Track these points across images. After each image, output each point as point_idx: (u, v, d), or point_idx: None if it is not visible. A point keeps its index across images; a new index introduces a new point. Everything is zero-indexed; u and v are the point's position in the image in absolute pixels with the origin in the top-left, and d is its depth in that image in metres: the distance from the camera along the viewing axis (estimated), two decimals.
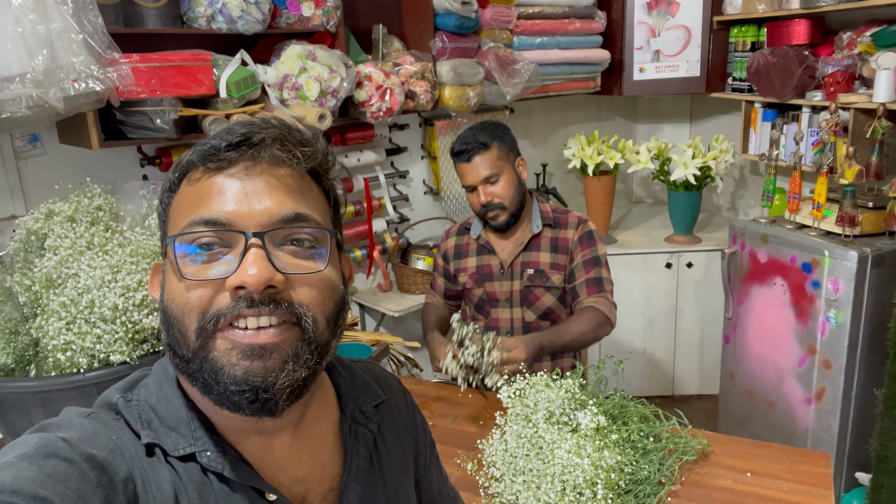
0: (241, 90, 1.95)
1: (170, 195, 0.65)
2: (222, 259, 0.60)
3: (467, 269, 1.94)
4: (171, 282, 0.61)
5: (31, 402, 1.34)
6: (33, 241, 1.50)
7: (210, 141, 0.63)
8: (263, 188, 0.61)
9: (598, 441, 1.22)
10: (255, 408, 0.59)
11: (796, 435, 2.49)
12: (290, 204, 0.62)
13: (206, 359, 0.59)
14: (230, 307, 0.58)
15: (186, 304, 0.59)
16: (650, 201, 4.00)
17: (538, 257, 1.88)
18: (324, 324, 0.63)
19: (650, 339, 3.24)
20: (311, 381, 0.63)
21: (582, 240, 1.87)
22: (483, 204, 1.81)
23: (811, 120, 2.62)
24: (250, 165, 0.62)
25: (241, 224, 0.60)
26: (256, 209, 0.60)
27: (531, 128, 3.49)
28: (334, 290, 0.64)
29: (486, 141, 1.78)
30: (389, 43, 2.54)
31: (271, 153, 0.62)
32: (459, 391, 1.82)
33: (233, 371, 0.58)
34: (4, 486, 0.50)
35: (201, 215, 0.60)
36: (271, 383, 0.58)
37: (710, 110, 3.61)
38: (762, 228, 2.55)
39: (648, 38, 3.23)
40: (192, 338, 0.59)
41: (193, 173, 0.63)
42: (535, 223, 1.89)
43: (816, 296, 2.34)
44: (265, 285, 0.58)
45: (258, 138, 0.62)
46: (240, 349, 0.58)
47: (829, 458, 1.43)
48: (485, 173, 1.79)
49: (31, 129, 1.88)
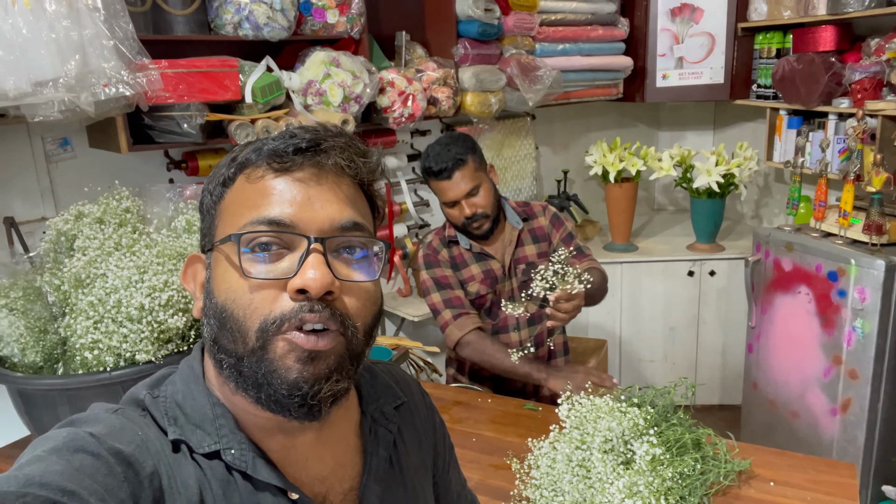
0: (265, 96, 1.98)
1: (223, 189, 0.65)
2: (283, 260, 0.61)
3: (475, 277, 1.95)
4: (230, 279, 0.61)
5: (58, 399, 1.37)
6: (63, 241, 1.54)
7: (273, 142, 0.63)
8: (327, 195, 0.63)
9: (651, 478, 1.18)
10: (301, 412, 0.60)
11: (821, 447, 2.45)
12: (350, 213, 0.63)
13: (263, 359, 0.60)
14: (293, 311, 0.59)
15: (250, 305, 0.60)
16: (672, 209, 3.97)
17: (524, 251, 1.96)
18: (362, 334, 0.64)
19: (671, 347, 3.21)
20: (350, 389, 0.65)
21: (553, 222, 1.99)
22: (468, 216, 1.83)
23: (837, 127, 2.59)
24: (316, 172, 0.63)
25: (303, 227, 0.61)
26: (319, 214, 0.62)
27: (553, 134, 3.49)
28: (375, 301, 0.66)
29: (462, 156, 1.79)
30: (412, 50, 2.56)
31: (336, 161, 0.63)
32: (478, 397, 1.82)
33: (287, 375, 0.59)
34: (33, 480, 0.51)
35: (265, 214, 0.61)
36: (318, 390, 0.60)
37: (735, 118, 3.57)
38: (787, 236, 2.52)
39: (672, 44, 3.21)
40: (253, 338, 0.60)
41: (254, 171, 0.63)
42: (513, 220, 1.95)
43: (842, 305, 2.30)
44: (326, 290, 0.59)
45: (326, 146, 0.63)
46: (298, 353, 0.59)
47: (854, 469, 1.40)
48: (467, 187, 1.81)
49: (61, 134, 1.93)
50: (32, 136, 1.88)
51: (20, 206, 1.87)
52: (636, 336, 3.22)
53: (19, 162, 1.86)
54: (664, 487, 1.22)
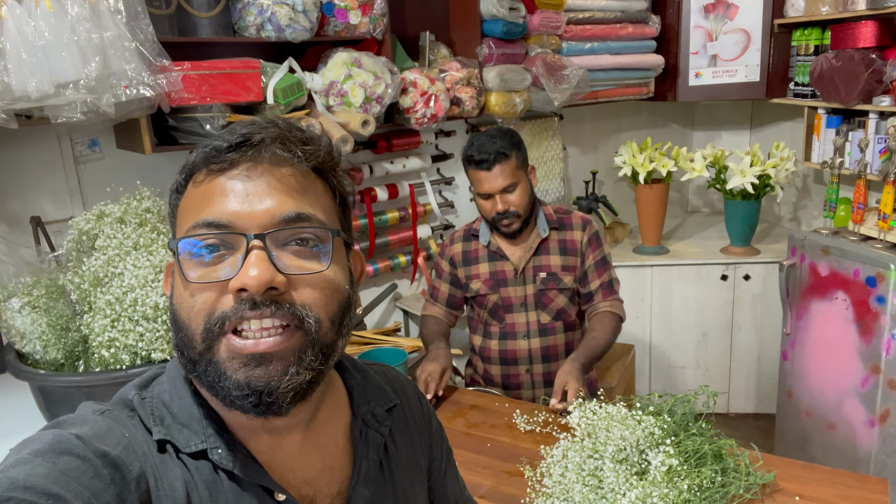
0: (287, 97, 1.99)
1: (177, 196, 0.65)
2: (226, 261, 0.60)
3: (480, 276, 1.94)
4: (178, 284, 0.62)
5: (76, 395, 1.39)
6: (85, 241, 1.57)
7: (212, 142, 0.63)
8: (264, 189, 0.61)
9: (666, 489, 1.14)
10: (259, 410, 0.59)
11: (858, 459, 2.35)
12: (292, 204, 0.61)
13: (211, 361, 0.59)
14: (234, 310, 0.58)
15: (192, 308, 0.59)
16: (706, 211, 3.87)
17: (549, 260, 1.91)
18: (328, 324, 0.62)
19: (703, 353, 3.13)
20: (318, 382, 0.63)
21: (591, 241, 1.92)
22: (500, 212, 1.82)
23: (878, 126, 2.48)
24: (251, 166, 0.61)
25: (242, 226, 0.60)
26: (258, 210, 0.60)
27: (581, 134, 3.43)
28: (338, 290, 0.64)
29: (506, 150, 1.79)
30: (436, 50, 2.55)
31: (272, 153, 0.62)
32: (496, 401, 1.80)
33: (235, 376, 0.58)
34: (18, 483, 0.50)
35: (204, 217, 0.60)
36: (274, 387, 0.59)
37: (772, 117, 3.47)
38: (824, 240, 2.43)
39: (705, 42, 3.13)
40: (199, 340, 0.59)
41: (198, 175, 0.63)
42: (541, 227, 1.92)
43: (881, 312, 2.20)
44: (266, 287, 0.58)
45: (258, 138, 0.62)
46: (240, 358, 0.58)
47: (886, 485, 1.33)
48: (504, 183, 1.79)
49: (90, 135, 1.97)
50: (61, 137, 1.92)
51: (49, 206, 1.92)
52: (667, 341, 3.14)
53: (48, 162, 1.91)
54: (681, 500, 1.18)
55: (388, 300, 2.76)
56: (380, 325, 2.72)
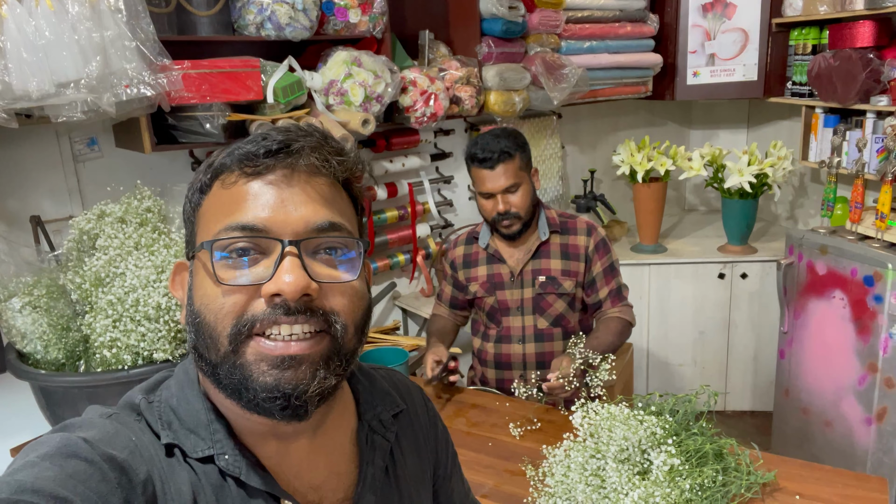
0: (287, 96, 1.99)
1: (200, 196, 0.65)
2: (258, 265, 0.60)
3: (478, 279, 1.93)
4: (205, 286, 0.61)
5: (78, 396, 1.39)
6: (85, 240, 1.56)
7: (246, 146, 0.63)
8: (300, 196, 0.61)
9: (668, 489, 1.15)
10: (286, 413, 0.59)
11: (855, 457, 2.36)
12: (325, 213, 0.62)
13: (236, 365, 0.59)
14: (266, 314, 0.58)
15: (221, 309, 0.59)
16: (704, 209, 3.88)
17: (549, 264, 1.88)
18: (352, 331, 0.63)
19: (700, 352, 3.14)
20: (339, 387, 0.64)
21: (598, 247, 1.90)
22: (500, 212, 1.80)
23: (875, 126, 2.49)
24: (288, 173, 0.62)
25: (277, 231, 0.60)
26: (293, 217, 0.60)
27: (579, 133, 3.44)
28: (363, 298, 0.65)
29: (510, 150, 1.77)
30: (435, 48, 2.54)
31: (308, 162, 0.62)
32: (496, 400, 1.80)
33: (263, 379, 0.58)
34: (25, 486, 0.50)
35: (237, 220, 0.60)
36: (303, 391, 0.59)
37: (769, 116, 3.48)
38: (821, 239, 2.44)
39: (703, 41, 3.13)
40: (225, 343, 0.59)
41: (228, 176, 0.63)
42: (541, 230, 1.89)
43: (878, 311, 2.21)
44: (301, 293, 0.58)
45: (297, 146, 0.62)
46: (269, 361, 0.58)
47: (886, 484, 1.34)
48: (506, 183, 1.78)
49: (88, 134, 1.96)
50: (60, 136, 1.91)
51: (48, 205, 1.91)
52: (664, 340, 3.15)
53: (47, 161, 1.90)
54: (683, 499, 1.19)
55: (387, 299, 2.76)
56: (379, 323, 2.72)
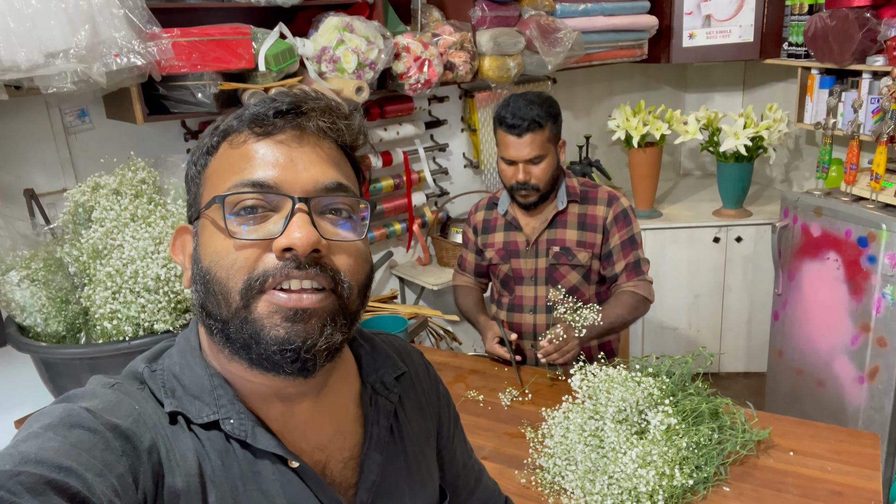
0: (279, 63, 1.96)
1: (206, 157, 0.66)
2: (269, 221, 0.61)
3: (494, 245, 1.92)
4: (215, 242, 0.62)
5: (80, 367, 1.40)
6: (81, 213, 1.56)
7: (255, 107, 0.64)
8: (310, 156, 0.63)
9: (665, 447, 1.17)
10: (295, 367, 0.60)
11: (846, 415, 2.41)
12: (333, 174, 0.64)
13: (247, 319, 0.60)
14: (278, 268, 0.59)
15: (233, 265, 0.60)
16: (699, 174, 3.88)
17: (564, 234, 1.84)
18: (356, 292, 0.64)
19: (695, 315, 3.17)
20: (343, 346, 0.65)
21: (618, 219, 1.83)
22: (520, 181, 1.76)
23: (871, 86, 2.48)
24: (297, 134, 0.63)
25: (287, 188, 0.61)
26: (303, 176, 0.62)
27: (574, 98, 3.41)
28: (367, 261, 0.66)
29: (541, 120, 1.71)
30: (428, 13, 2.50)
31: (317, 124, 0.64)
32: (495, 366, 1.82)
33: (274, 332, 0.59)
34: (29, 457, 0.50)
35: (248, 177, 0.61)
36: (311, 344, 0.60)
37: (765, 78, 3.45)
38: (816, 201, 2.45)
39: (699, 2, 3.10)
40: (237, 298, 0.60)
41: (237, 137, 0.64)
42: (560, 199, 1.84)
43: (872, 271, 2.23)
44: (312, 248, 0.59)
45: (306, 108, 0.63)
46: (282, 313, 0.59)
47: (878, 439, 1.38)
48: (531, 154, 1.73)
49: (79, 105, 1.93)
50: (50, 108, 1.88)
51: (41, 178, 1.89)
52: (659, 303, 3.16)
53: (38, 134, 1.88)
54: (679, 457, 1.21)
55: (384, 268, 2.77)
56: (376, 292, 2.74)
